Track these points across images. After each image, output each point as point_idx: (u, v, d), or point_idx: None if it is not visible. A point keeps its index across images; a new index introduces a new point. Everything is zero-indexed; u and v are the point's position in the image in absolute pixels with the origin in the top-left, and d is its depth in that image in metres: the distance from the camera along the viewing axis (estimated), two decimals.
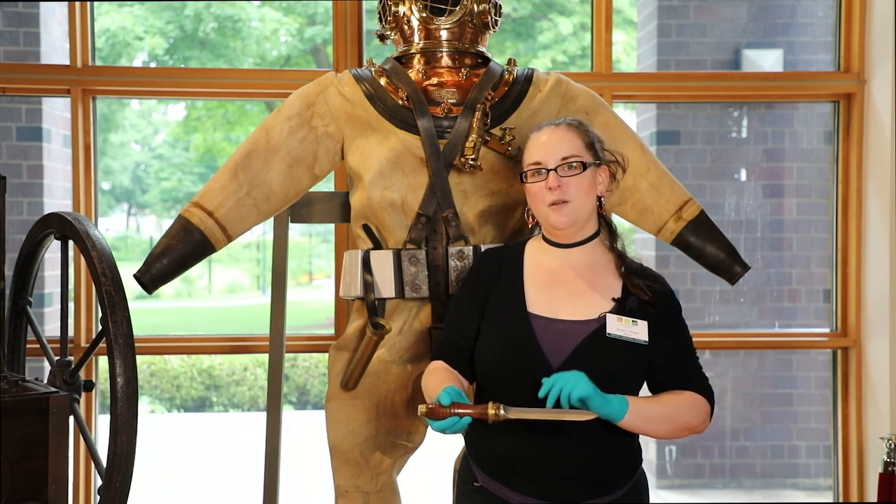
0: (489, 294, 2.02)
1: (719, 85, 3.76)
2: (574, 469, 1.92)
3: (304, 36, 10.59)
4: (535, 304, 1.97)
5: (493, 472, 1.98)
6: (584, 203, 1.99)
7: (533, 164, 2.01)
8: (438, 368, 2.02)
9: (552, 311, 1.96)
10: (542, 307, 1.97)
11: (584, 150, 2.01)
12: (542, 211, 2.00)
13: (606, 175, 2.05)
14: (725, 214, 4.78)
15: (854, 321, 3.58)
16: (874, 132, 3.51)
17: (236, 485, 5.63)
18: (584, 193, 1.98)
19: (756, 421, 4.91)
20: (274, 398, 2.58)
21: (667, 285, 2.02)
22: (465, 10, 2.38)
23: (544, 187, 1.98)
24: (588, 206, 2.00)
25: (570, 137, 2.01)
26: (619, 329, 1.92)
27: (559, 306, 1.97)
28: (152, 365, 8.72)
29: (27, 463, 2.06)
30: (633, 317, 1.94)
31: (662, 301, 1.98)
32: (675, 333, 1.99)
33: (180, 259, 2.31)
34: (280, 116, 2.38)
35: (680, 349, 1.98)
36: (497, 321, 1.98)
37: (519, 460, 1.93)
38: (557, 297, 1.98)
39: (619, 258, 2.02)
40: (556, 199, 1.96)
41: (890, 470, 2.62)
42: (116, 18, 10.24)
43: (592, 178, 2.01)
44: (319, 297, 13.09)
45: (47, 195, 4.23)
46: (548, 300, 1.98)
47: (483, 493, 2.00)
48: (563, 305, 1.97)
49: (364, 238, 2.35)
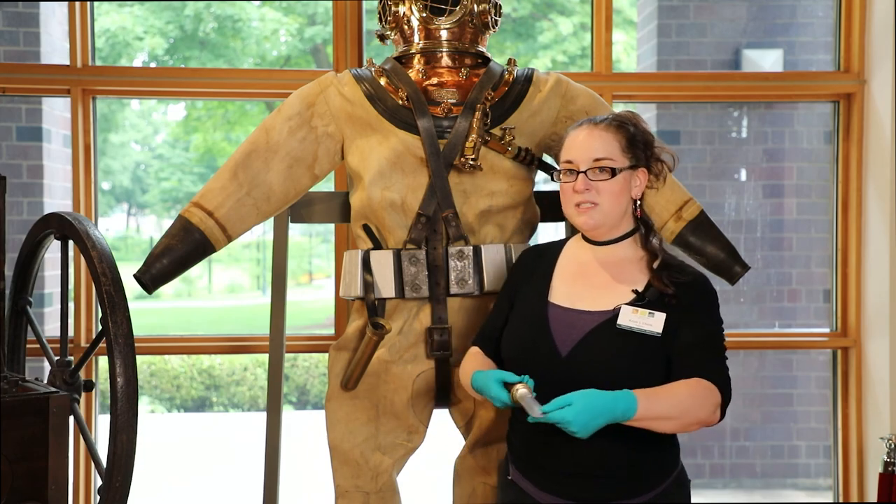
0: (521, 285, 2.07)
1: (719, 85, 3.76)
2: (592, 468, 1.90)
3: (304, 36, 10.59)
4: (557, 295, 2.00)
5: (520, 466, 2.00)
6: (614, 207, 1.97)
7: (566, 162, 2.00)
8: (475, 353, 2.09)
9: (571, 301, 1.98)
10: (563, 297, 1.99)
11: (619, 153, 1.96)
12: (569, 210, 2.01)
13: (645, 177, 2.01)
14: (725, 214, 4.78)
15: (854, 321, 3.58)
16: (874, 132, 3.51)
17: (236, 485, 5.63)
18: (613, 198, 1.96)
19: (756, 421, 4.91)
20: (274, 398, 2.58)
21: (700, 278, 1.97)
22: (465, 10, 2.38)
23: (572, 188, 1.98)
24: (618, 210, 1.98)
25: (605, 139, 1.97)
26: (632, 320, 1.90)
27: (579, 297, 1.98)
28: (152, 365, 8.72)
29: (27, 463, 2.06)
30: (651, 309, 1.91)
31: (688, 292, 1.93)
32: (697, 324, 1.92)
33: (180, 259, 2.31)
34: (280, 116, 2.38)
35: (699, 339, 1.91)
36: (520, 309, 2.03)
37: (538, 456, 1.95)
38: (580, 288, 2.00)
39: (651, 254, 1.99)
40: (583, 201, 1.96)
41: (890, 470, 2.62)
42: (116, 18, 10.24)
43: (626, 181, 1.97)
44: (319, 297, 13.09)
45: (47, 195, 4.23)
46: (570, 291, 2.00)
47: (514, 488, 2.02)
48: (583, 297, 1.98)
49: (364, 238, 2.35)
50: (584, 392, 1.78)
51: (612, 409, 1.77)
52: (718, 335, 1.95)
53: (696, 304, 1.94)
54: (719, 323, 1.97)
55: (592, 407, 1.76)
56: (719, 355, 1.93)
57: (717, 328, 1.96)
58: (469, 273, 2.30)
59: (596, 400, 1.77)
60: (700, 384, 1.86)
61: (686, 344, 1.90)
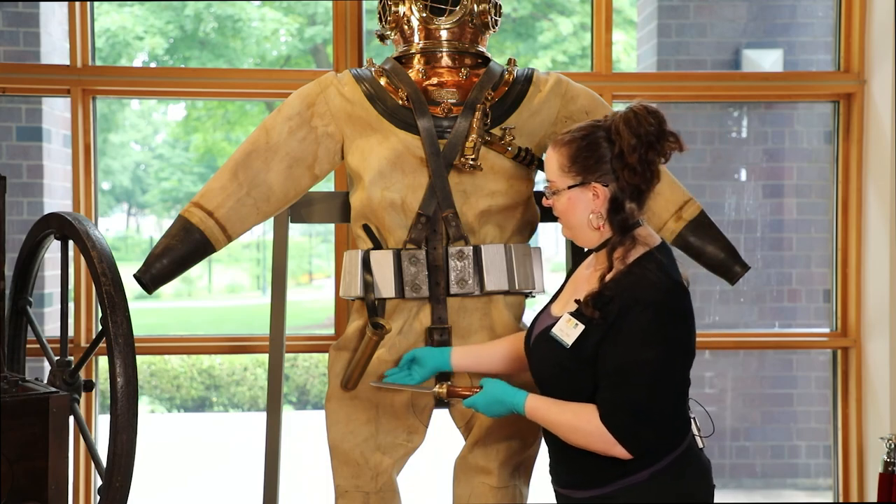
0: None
1: (719, 85, 3.75)
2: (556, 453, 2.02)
3: (304, 36, 10.59)
4: (558, 300, 2.10)
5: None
6: (573, 223, 1.98)
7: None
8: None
9: (556, 306, 2.07)
10: (557, 302, 2.09)
11: (558, 174, 1.96)
12: None
13: (603, 191, 1.92)
14: (725, 214, 4.78)
15: (854, 321, 3.58)
16: (874, 132, 3.51)
17: (236, 485, 5.63)
18: (566, 216, 1.99)
19: (756, 421, 4.91)
20: (274, 398, 2.58)
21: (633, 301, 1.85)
22: (465, 10, 2.38)
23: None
24: (580, 224, 1.97)
25: (551, 159, 1.99)
26: (560, 329, 1.94)
27: (560, 302, 2.07)
28: (152, 365, 8.72)
29: (27, 463, 2.06)
30: (581, 321, 1.91)
31: (616, 311, 1.86)
32: (614, 351, 1.85)
33: (180, 259, 2.31)
34: (280, 116, 2.38)
35: (609, 368, 1.85)
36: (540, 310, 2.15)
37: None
38: (566, 294, 2.08)
39: (608, 266, 1.93)
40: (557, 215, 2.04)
41: (890, 470, 2.62)
42: (116, 18, 10.24)
43: (572, 200, 1.95)
44: (319, 297, 13.08)
45: (47, 195, 4.23)
46: (562, 296, 2.09)
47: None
48: (561, 301, 2.07)
49: (364, 238, 2.35)
50: (493, 381, 2.02)
51: (504, 402, 1.99)
52: (633, 367, 1.83)
53: (621, 326, 1.85)
54: (646, 352, 1.83)
55: (493, 396, 2.00)
56: (625, 389, 1.84)
57: (638, 359, 1.83)
58: (469, 273, 2.30)
59: (497, 391, 2.00)
60: (587, 414, 1.87)
61: (600, 368, 1.87)
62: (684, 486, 1.93)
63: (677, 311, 1.88)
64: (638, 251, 1.93)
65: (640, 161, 1.90)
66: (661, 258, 1.93)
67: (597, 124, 1.95)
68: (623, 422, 1.84)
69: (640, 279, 1.88)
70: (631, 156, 1.90)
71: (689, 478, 1.94)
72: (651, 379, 1.83)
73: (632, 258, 1.91)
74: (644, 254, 1.92)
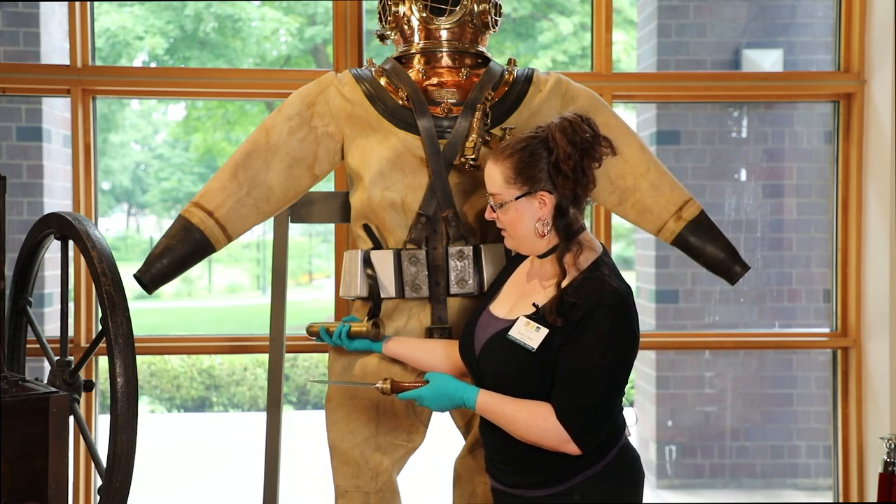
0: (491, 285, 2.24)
1: (719, 85, 3.76)
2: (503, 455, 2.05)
3: (304, 36, 10.58)
4: (496, 302, 2.12)
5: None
6: (519, 232, 2.03)
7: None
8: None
9: (498, 309, 2.09)
10: (497, 305, 2.11)
11: (503, 186, 2.01)
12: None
13: (549, 198, 1.99)
14: (725, 214, 4.78)
15: (854, 321, 3.58)
16: (874, 132, 3.51)
17: (236, 485, 5.63)
18: (513, 226, 2.03)
19: (756, 421, 4.92)
20: (274, 398, 2.58)
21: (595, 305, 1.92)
22: (465, 10, 2.38)
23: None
24: (526, 233, 2.02)
25: (493, 172, 2.03)
26: (520, 332, 1.98)
27: (504, 305, 2.09)
28: (152, 365, 8.72)
29: (27, 463, 2.06)
30: (541, 324, 1.96)
31: (576, 316, 1.93)
32: (572, 355, 1.92)
33: (180, 259, 2.31)
34: (280, 116, 2.38)
35: (567, 371, 1.92)
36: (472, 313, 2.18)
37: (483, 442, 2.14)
38: (509, 297, 2.10)
39: (562, 274, 1.99)
40: (500, 227, 2.07)
41: (890, 470, 2.62)
42: (116, 18, 10.24)
43: (520, 210, 2.01)
44: (319, 297, 13.09)
45: (47, 195, 4.23)
46: (503, 299, 2.12)
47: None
48: (507, 304, 2.09)
49: (364, 238, 2.35)
50: (440, 375, 2.04)
51: (454, 396, 2.01)
52: (593, 369, 1.91)
53: (584, 330, 1.92)
54: (606, 355, 1.92)
55: (440, 389, 2.02)
56: (582, 393, 1.92)
57: (599, 361, 1.91)
58: (469, 273, 2.30)
59: (445, 385, 2.02)
60: (543, 412, 1.94)
61: (560, 368, 1.94)
62: (629, 473, 2.05)
63: (632, 314, 1.98)
64: (588, 256, 2.01)
65: (575, 168, 1.98)
66: (610, 262, 2.03)
67: (535, 135, 2.02)
68: (579, 420, 1.92)
69: (601, 284, 1.96)
70: (566, 163, 1.97)
71: (630, 465, 2.06)
72: (608, 379, 1.93)
73: (584, 264, 2.00)
74: (596, 259, 2.01)
